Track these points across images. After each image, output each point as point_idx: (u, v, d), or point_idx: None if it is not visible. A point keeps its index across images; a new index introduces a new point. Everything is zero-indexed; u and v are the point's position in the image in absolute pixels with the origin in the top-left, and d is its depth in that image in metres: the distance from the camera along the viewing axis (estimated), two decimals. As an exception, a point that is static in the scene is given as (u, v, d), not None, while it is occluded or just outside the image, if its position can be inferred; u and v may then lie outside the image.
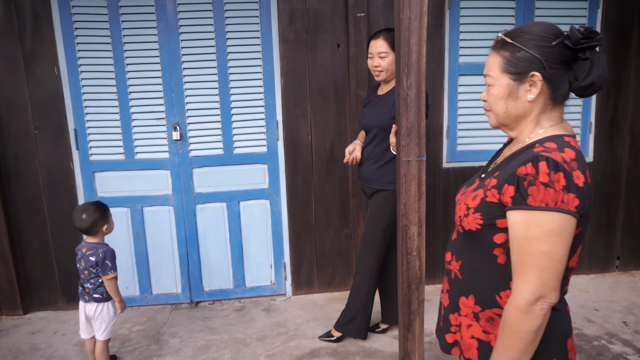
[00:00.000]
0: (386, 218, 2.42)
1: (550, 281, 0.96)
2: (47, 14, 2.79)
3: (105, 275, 2.27)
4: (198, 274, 3.17)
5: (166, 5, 2.83)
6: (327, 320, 2.88)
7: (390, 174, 2.37)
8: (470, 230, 1.11)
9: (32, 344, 2.77)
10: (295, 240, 3.18)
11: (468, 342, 1.15)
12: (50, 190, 2.99)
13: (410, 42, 1.66)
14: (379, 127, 2.35)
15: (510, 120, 1.11)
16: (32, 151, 2.94)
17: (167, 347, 2.68)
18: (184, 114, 2.96)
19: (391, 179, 2.37)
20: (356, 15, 2.88)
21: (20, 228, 3.02)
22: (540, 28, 1.03)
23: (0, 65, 2.83)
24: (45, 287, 3.12)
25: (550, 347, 1.05)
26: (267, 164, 3.09)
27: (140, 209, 3.07)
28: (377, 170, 2.41)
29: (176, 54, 2.89)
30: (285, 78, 2.98)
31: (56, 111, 2.90)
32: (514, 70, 1.05)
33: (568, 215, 0.95)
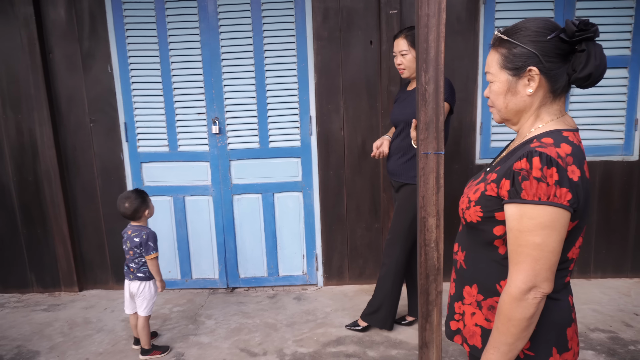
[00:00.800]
0: (412, 211, 2.47)
1: (543, 272, 1.00)
2: (102, 17, 3.05)
3: (148, 255, 2.47)
4: (234, 261, 3.34)
5: (207, 6, 3.00)
6: (355, 311, 2.95)
7: (415, 168, 2.41)
8: (472, 222, 1.15)
9: (85, 317, 3.05)
10: (327, 232, 3.28)
11: (472, 330, 1.20)
12: (103, 178, 3.27)
13: (429, 38, 1.70)
14: (405, 122, 2.40)
15: (511, 115, 1.14)
16: (88, 143, 3.22)
17: (203, 328, 2.87)
18: (223, 109, 3.13)
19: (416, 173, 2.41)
20: (388, 13, 2.92)
21: (77, 212, 3.32)
22: (535, 24, 1.05)
23: (62, 64, 3.12)
24: (97, 267, 3.41)
25: (548, 334, 1.08)
26: (301, 158, 3.21)
27: (182, 198, 3.28)
28: (404, 164, 2.46)
29: (216, 52, 3.06)
30: (318, 74, 3.08)
31: (109, 106, 3.16)
32: (511, 66, 1.08)
33: (560, 208, 0.98)
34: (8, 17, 3.03)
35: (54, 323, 2.99)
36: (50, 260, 3.37)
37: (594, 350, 2.47)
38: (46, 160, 3.19)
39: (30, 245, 3.36)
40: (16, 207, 3.30)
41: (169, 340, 2.74)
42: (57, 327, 2.94)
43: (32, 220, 3.32)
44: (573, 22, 1.01)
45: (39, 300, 3.34)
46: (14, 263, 3.39)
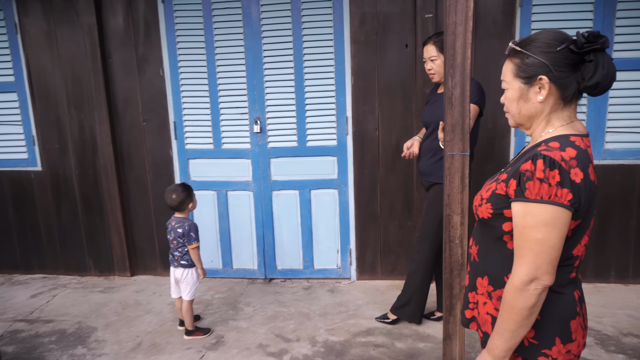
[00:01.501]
0: (441, 209, 2.55)
1: (544, 265, 1.09)
2: (155, 25, 3.31)
3: (190, 245, 2.69)
4: (272, 254, 3.53)
5: (251, 13, 3.19)
6: (386, 305, 3.07)
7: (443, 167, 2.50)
8: (483, 219, 1.25)
9: (136, 299, 3.34)
10: (361, 229, 3.40)
11: (484, 318, 1.30)
12: (154, 173, 3.54)
13: (456, 45, 1.79)
14: (435, 124, 2.49)
15: (524, 120, 1.23)
16: (141, 140, 3.50)
17: (241, 314, 3.07)
18: (264, 109, 3.32)
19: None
20: (424, 17, 3.00)
21: (130, 204, 3.62)
22: (547, 36, 1.14)
23: (119, 68, 3.41)
24: (147, 254, 3.70)
25: (552, 325, 1.17)
26: (337, 157, 3.35)
27: (225, 193, 3.50)
28: (434, 164, 2.55)
29: (259, 56, 3.25)
30: (355, 77, 3.20)
31: (160, 106, 3.43)
32: (524, 75, 1.17)
33: (561, 207, 1.06)
34: (74, 26, 3.35)
35: (109, 303, 3.29)
36: (106, 247, 3.69)
37: (625, 355, 2.47)
38: (104, 156, 3.50)
39: (89, 232, 3.69)
40: (77, 198, 3.64)
41: (211, 323, 2.96)
42: (111, 307, 3.23)
43: (91, 210, 3.65)
44: (583, 34, 1.09)
45: (96, 283, 3.67)
46: (75, 248, 3.73)
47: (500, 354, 1.17)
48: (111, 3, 3.31)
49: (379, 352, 2.57)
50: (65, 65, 3.43)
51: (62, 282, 3.70)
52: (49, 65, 3.45)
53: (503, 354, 1.16)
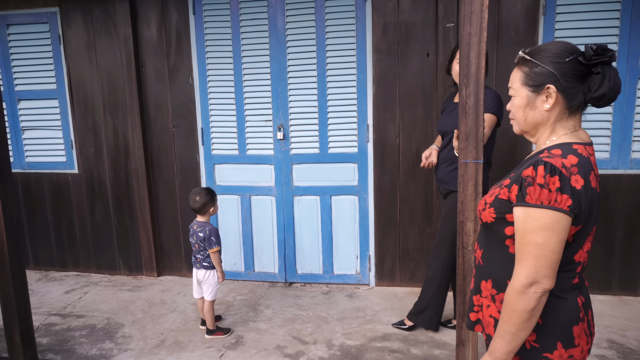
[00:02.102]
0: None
1: (544, 269, 1.11)
2: (186, 35, 3.47)
3: (210, 249, 2.79)
4: (293, 258, 3.61)
5: (277, 24, 3.31)
6: (404, 311, 3.08)
7: None
8: (486, 223, 1.29)
9: (161, 299, 3.47)
10: (380, 235, 3.44)
11: (487, 320, 1.33)
12: (181, 177, 3.69)
13: (470, 55, 1.83)
14: (452, 132, 2.51)
15: (529, 127, 1.26)
16: (170, 145, 3.66)
17: (261, 315, 3.15)
18: (287, 116, 3.42)
19: None
20: (445, 26, 3.04)
21: (158, 206, 3.78)
22: (557, 46, 1.17)
23: (152, 76, 3.58)
24: (173, 255, 3.84)
25: (554, 330, 1.19)
26: (357, 163, 3.40)
27: (248, 197, 3.60)
28: (451, 172, 2.57)
29: (283, 65, 3.35)
30: (376, 85, 3.26)
31: (189, 113, 3.58)
32: (532, 83, 1.20)
33: (560, 212, 1.09)
34: (111, 36, 3.56)
35: (136, 301, 3.43)
36: (135, 247, 3.85)
37: (649, 370, 2.40)
38: (136, 160, 3.67)
39: (120, 233, 3.87)
40: (110, 200, 3.83)
41: (231, 324, 3.05)
42: (138, 305, 3.37)
43: (122, 211, 3.82)
44: (591, 46, 1.12)
45: (125, 282, 3.83)
46: (106, 248, 3.92)
47: (501, 357, 1.19)
48: (146, 15, 3.50)
49: (394, 357, 2.59)
50: (102, 74, 3.64)
51: (93, 280, 3.88)
52: (88, 73, 3.67)
53: (504, 357, 1.19)
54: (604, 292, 3.19)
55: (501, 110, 2.43)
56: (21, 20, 3.67)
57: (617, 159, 3.05)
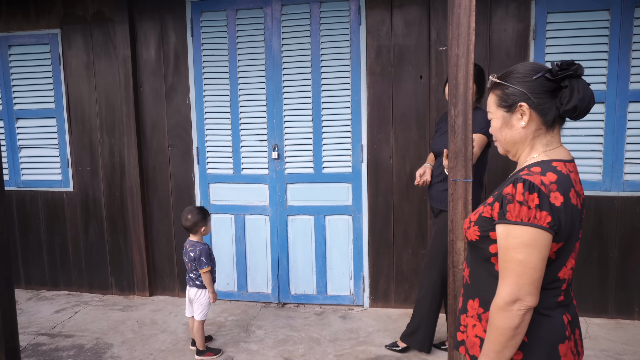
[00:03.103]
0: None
1: (526, 286, 1.11)
2: (184, 57, 3.53)
3: (201, 269, 2.77)
4: (286, 278, 3.58)
5: (273, 46, 3.37)
6: (397, 332, 3.04)
7: None
8: (472, 241, 1.29)
9: (152, 319, 3.43)
10: (374, 256, 3.42)
11: (472, 340, 1.31)
12: (176, 196, 3.69)
13: (458, 76, 1.87)
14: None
15: (509, 146, 1.28)
16: (166, 164, 3.68)
17: (253, 336, 3.11)
18: (282, 137, 3.45)
19: None
20: (438, 49, 3.10)
21: (152, 225, 3.77)
22: (524, 67, 1.22)
23: (149, 96, 3.63)
24: (166, 275, 3.81)
25: (539, 348, 1.18)
26: (352, 184, 3.41)
27: (243, 217, 3.60)
28: (444, 191, 2.58)
29: (279, 86, 3.40)
30: (370, 106, 3.30)
31: (185, 133, 3.61)
32: (505, 104, 1.24)
33: (540, 229, 1.10)
34: (110, 57, 3.62)
35: (126, 321, 3.39)
36: (128, 267, 3.83)
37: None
38: (131, 179, 3.68)
39: (113, 252, 3.84)
40: (104, 218, 3.82)
41: (222, 344, 3.00)
42: (129, 325, 3.33)
43: (116, 230, 3.81)
44: (557, 63, 1.16)
45: (116, 301, 3.79)
46: (99, 267, 3.89)
47: None
48: (145, 37, 3.57)
49: (386, 380, 2.55)
50: (101, 93, 3.69)
51: (84, 300, 3.84)
52: (86, 93, 3.72)
53: None
54: (600, 315, 3.16)
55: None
56: (23, 42, 3.74)
57: (609, 180, 3.07)
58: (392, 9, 3.19)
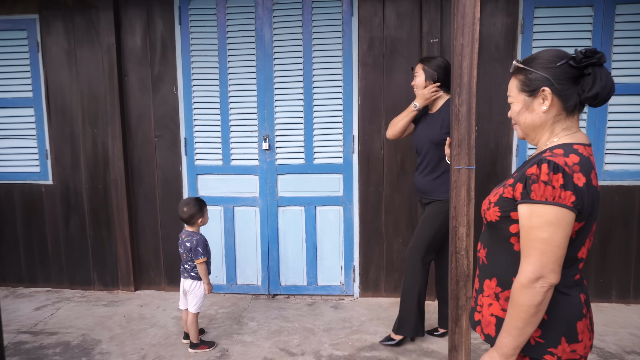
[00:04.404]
0: (438, 224, 2.61)
1: (550, 264, 1.15)
2: (172, 45, 3.45)
3: (197, 260, 2.73)
4: (276, 269, 3.57)
5: (264, 35, 3.34)
6: (390, 321, 3.08)
7: (445, 184, 2.58)
8: (491, 222, 1.32)
9: (140, 313, 3.35)
10: (365, 246, 3.45)
11: (488, 319, 1.35)
12: (163, 188, 3.61)
13: (463, 65, 1.90)
14: (431, 142, 2.59)
15: (529, 130, 1.32)
16: (152, 155, 3.59)
17: (246, 328, 3.09)
18: (273, 127, 3.43)
19: (447, 189, 2.58)
20: (430, 41, 3.15)
21: (138, 218, 3.67)
22: (548, 54, 1.25)
23: (135, 86, 3.53)
24: (152, 269, 3.73)
25: (558, 325, 1.22)
26: (343, 174, 3.43)
27: (232, 208, 3.56)
28: (433, 181, 2.63)
29: (270, 77, 3.37)
30: (362, 97, 3.32)
31: (172, 123, 3.53)
32: (528, 89, 1.27)
33: (564, 208, 1.14)
34: (93, 45, 3.50)
35: (113, 317, 3.30)
36: (112, 261, 3.72)
37: (628, 372, 2.48)
38: (115, 170, 3.57)
39: (96, 246, 3.73)
40: (86, 212, 3.70)
41: (215, 337, 2.97)
42: (116, 321, 3.24)
43: (99, 223, 3.70)
44: (581, 50, 1.20)
45: (100, 297, 3.68)
46: (80, 262, 3.77)
47: (508, 352, 1.21)
48: (130, 24, 3.46)
49: (384, 366, 2.58)
50: (83, 83, 3.56)
51: (66, 296, 3.71)
52: (67, 82, 3.58)
53: (511, 352, 1.21)
54: (580, 299, 3.30)
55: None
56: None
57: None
58: (385, 1, 3.22)
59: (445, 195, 2.58)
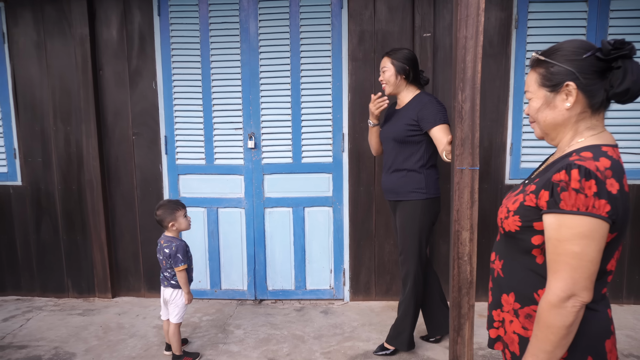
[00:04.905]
0: (418, 227, 2.48)
1: (582, 280, 1.03)
2: (150, 38, 3.25)
3: (176, 267, 2.55)
4: (263, 274, 3.41)
5: (249, 28, 3.17)
6: (382, 326, 2.97)
7: (412, 184, 2.45)
8: (510, 232, 1.20)
9: (118, 322, 3.15)
10: (355, 248, 3.33)
11: (511, 337, 1.23)
12: (142, 189, 3.41)
13: (466, 59, 1.79)
14: (395, 139, 2.48)
15: (550, 129, 1.20)
16: (130, 154, 3.38)
17: (232, 337, 2.93)
18: (259, 125, 3.26)
19: (414, 188, 2.45)
20: (422, 36, 3.04)
21: (115, 221, 3.47)
22: (572, 44, 1.13)
23: (111, 80, 3.32)
24: (131, 275, 3.52)
25: (586, 344, 1.10)
26: (332, 174, 3.29)
27: (216, 210, 3.39)
28: (399, 180, 2.49)
29: (255, 72, 3.21)
30: (352, 94, 3.19)
31: (152, 120, 3.33)
32: (549, 84, 1.15)
33: (599, 219, 1.02)
34: (65, 37, 3.27)
35: (89, 327, 3.10)
36: (87, 267, 3.51)
37: (628, 376, 2.42)
38: (90, 170, 3.36)
39: (70, 251, 3.51)
40: (59, 214, 3.47)
41: (199, 347, 2.80)
42: (92, 331, 3.04)
43: (73, 227, 3.47)
44: (609, 41, 1.08)
45: (74, 305, 3.46)
46: (53, 268, 3.54)
47: None
48: (105, 15, 3.25)
49: (379, 376, 2.46)
50: (54, 77, 3.33)
51: (37, 305, 3.48)
52: (37, 76, 3.34)
53: None
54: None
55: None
56: (-42, 16, 3.30)
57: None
58: (375, -7, 3.09)
59: (412, 196, 2.46)
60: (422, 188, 2.45)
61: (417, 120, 2.41)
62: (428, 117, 2.37)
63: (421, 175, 2.46)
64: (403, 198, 2.50)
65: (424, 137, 2.43)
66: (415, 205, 2.47)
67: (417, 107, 2.44)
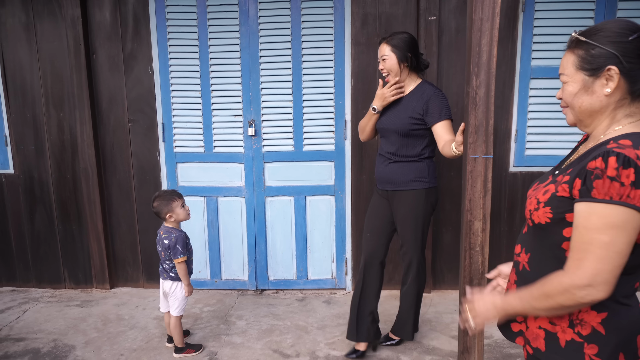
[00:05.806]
0: (422, 217, 2.40)
1: (605, 273, 0.98)
2: (145, 20, 3.13)
3: (175, 259, 2.48)
4: (264, 263, 3.36)
5: (249, 10, 3.06)
6: (385, 316, 2.93)
7: (413, 173, 2.36)
8: (539, 224, 1.13)
9: (117, 314, 3.09)
10: (358, 237, 3.28)
11: (535, 332, 1.18)
12: (139, 177, 3.32)
13: (482, 42, 1.71)
14: (397, 132, 2.35)
15: (585, 116, 1.13)
16: (126, 142, 3.29)
17: (234, 328, 2.88)
18: (260, 111, 3.17)
19: (416, 178, 2.36)
20: (427, 19, 2.94)
21: (112, 210, 3.38)
22: (617, 24, 1.05)
23: (105, 65, 3.20)
24: (129, 265, 3.46)
25: (617, 340, 1.06)
26: (334, 162, 3.22)
27: (215, 199, 3.31)
28: (399, 170, 2.39)
29: (255, 56, 3.11)
30: (355, 79, 3.10)
31: (148, 107, 3.23)
32: (589, 67, 1.07)
33: (633, 210, 0.96)
34: (56, 18, 3.13)
35: (87, 319, 3.04)
36: (84, 257, 3.43)
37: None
38: (85, 158, 3.26)
39: (66, 241, 3.43)
40: (54, 204, 3.38)
41: (201, 339, 2.76)
42: (90, 323, 2.98)
43: (68, 217, 3.39)
44: None
45: (72, 296, 3.40)
46: (49, 259, 3.46)
47: (510, 312, 1.18)
48: (97, -4, 3.12)
49: (385, 366, 2.44)
50: (45, 61, 3.20)
51: (33, 296, 3.41)
52: (27, 60, 3.21)
53: (511, 314, 1.19)
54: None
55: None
56: (-58, -4, 3.15)
57: None
58: (379, -26, 2.98)
59: (414, 185, 2.37)
60: (424, 177, 2.38)
61: (422, 114, 2.30)
62: (433, 112, 2.26)
63: (423, 164, 2.38)
64: (404, 188, 2.40)
65: (428, 130, 2.34)
66: (418, 194, 2.39)
67: (421, 99, 2.31)
